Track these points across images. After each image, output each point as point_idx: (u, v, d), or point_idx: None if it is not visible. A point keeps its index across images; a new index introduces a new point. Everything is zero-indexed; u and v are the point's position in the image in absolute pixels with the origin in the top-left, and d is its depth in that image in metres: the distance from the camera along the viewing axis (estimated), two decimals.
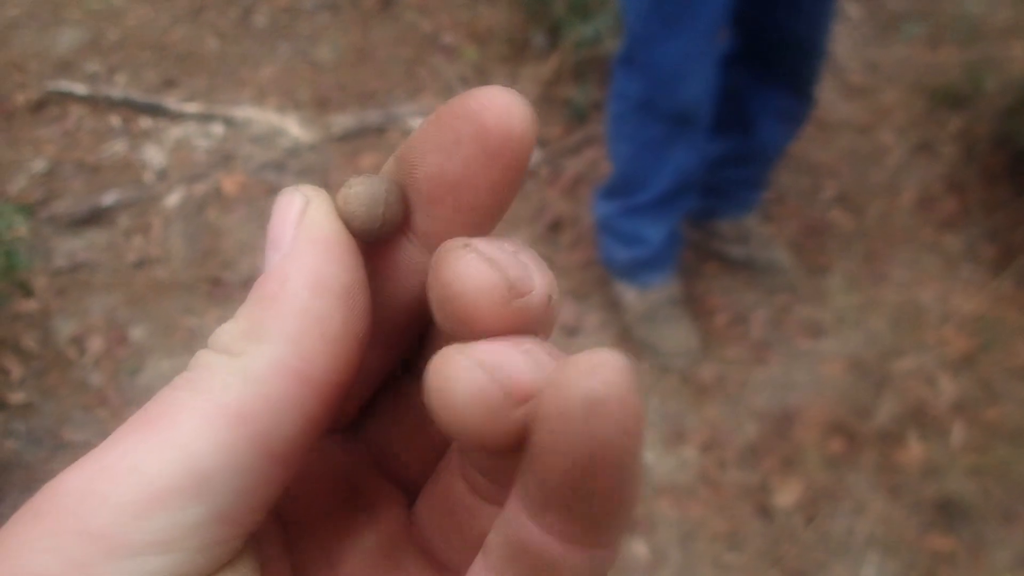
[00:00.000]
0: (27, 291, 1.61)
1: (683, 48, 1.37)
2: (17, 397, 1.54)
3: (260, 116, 2.07)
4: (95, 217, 1.84)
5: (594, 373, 0.18)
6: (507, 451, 0.20)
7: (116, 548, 0.19)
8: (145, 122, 2.06)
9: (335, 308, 0.21)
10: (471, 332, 0.20)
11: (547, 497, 0.19)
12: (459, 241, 0.22)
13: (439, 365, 0.20)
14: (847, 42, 2.25)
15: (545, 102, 2.09)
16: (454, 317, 0.21)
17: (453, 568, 0.25)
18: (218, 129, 2.05)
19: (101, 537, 0.19)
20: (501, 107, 0.22)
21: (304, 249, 0.22)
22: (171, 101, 2.10)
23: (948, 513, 1.43)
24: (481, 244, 0.21)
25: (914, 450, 1.50)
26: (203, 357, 0.21)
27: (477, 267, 0.21)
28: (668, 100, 1.43)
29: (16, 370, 1.57)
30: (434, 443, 0.26)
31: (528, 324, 0.21)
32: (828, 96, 2.10)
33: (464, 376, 0.19)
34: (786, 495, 1.45)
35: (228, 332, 0.21)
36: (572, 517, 0.19)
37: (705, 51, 1.38)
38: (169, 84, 2.16)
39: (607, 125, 1.60)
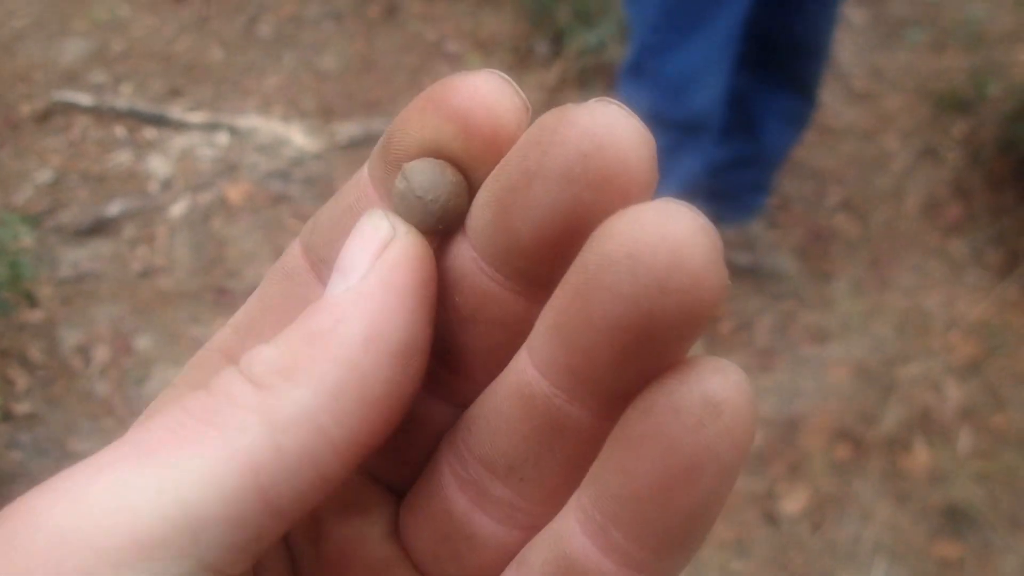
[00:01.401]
0: (32, 301, 1.62)
1: (698, 56, 1.36)
2: (22, 407, 1.54)
3: (265, 125, 2.08)
4: (100, 227, 1.85)
5: (717, 375, 0.17)
6: (687, 336, 0.18)
7: None
8: (150, 132, 2.07)
9: (385, 367, 0.19)
10: (608, 207, 0.18)
11: (623, 505, 0.18)
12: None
13: (639, 211, 0.17)
14: (851, 48, 2.25)
15: (549, 109, 2.09)
16: (600, 179, 0.18)
17: None
18: (223, 138, 2.05)
19: None
20: (486, 101, 0.20)
21: (373, 291, 0.19)
22: (176, 111, 2.11)
23: (955, 520, 1.42)
24: (611, 101, 0.19)
25: (921, 456, 1.49)
26: (229, 381, 0.19)
27: (631, 121, 0.18)
28: (678, 109, 1.42)
29: (21, 380, 1.58)
30: (421, 439, 0.24)
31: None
32: (832, 102, 2.10)
33: (685, 213, 0.17)
34: (793, 502, 1.44)
35: (264, 360, 0.19)
36: (642, 535, 0.18)
37: (721, 58, 1.38)
38: (174, 94, 2.17)
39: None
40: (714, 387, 0.17)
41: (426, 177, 0.20)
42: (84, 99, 2.11)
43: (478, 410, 0.21)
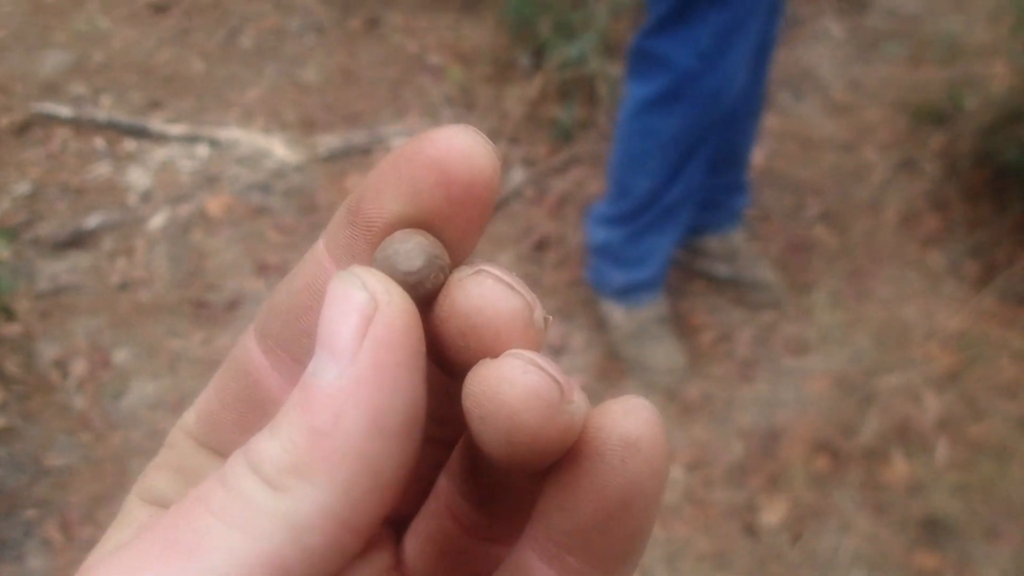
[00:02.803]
0: (9, 314, 1.60)
1: (738, 58, 1.41)
2: None
3: (246, 137, 2.07)
4: (79, 240, 1.84)
5: (630, 416, 0.19)
6: (547, 462, 0.20)
7: None
8: (130, 144, 2.06)
9: (392, 449, 0.19)
10: (494, 356, 0.20)
11: (569, 537, 0.20)
12: (467, 268, 0.21)
13: (487, 371, 0.19)
14: (830, 60, 2.27)
15: (530, 122, 2.10)
16: (479, 342, 0.20)
17: None
18: (203, 151, 2.05)
19: None
20: (463, 151, 0.20)
21: (368, 377, 0.19)
22: (156, 123, 2.10)
23: (934, 530, 1.43)
24: (492, 269, 0.20)
25: (899, 467, 1.50)
26: (241, 479, 0.19)
27: (501, 291, 0.20)
28: (711, 116, 1.45)
29: None
30: (421, 475, 0.25)
31: (540, 344, 0.20)
32: (812, 114, 2.12)
33: (520, 375, 0.19)
34: (772, 513, 1.45)
35: (271, 460, 0.19)
36: (591, 558, 0.20)
37: (748, 56, 1.42)
38: (154, 106, 2.17)
39: (618, 163, 1.59)
40: (629, 428, 0.19)
41: (410, 250, 0.20)
42: (63, 111, 2.10)
43: (456, 455, 0.24)
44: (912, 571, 1.38)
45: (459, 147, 0.20)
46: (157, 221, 1.88)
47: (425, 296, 0.21)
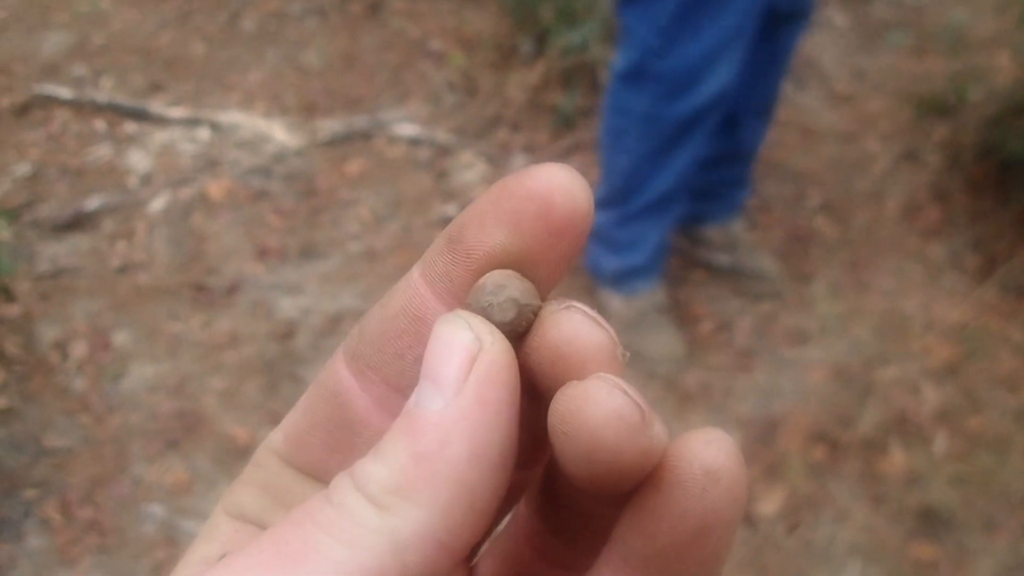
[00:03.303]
0: (9, 296, 1.60)
1: (709, 47, 1.38)
2: None
3: (247, 121, 2.07)
4: (79, 222, 1.83)
5: (711, 446, 0.20)
6: (626, 485, 0.21)
7: None
8: (130, 126, 2.05)
9: (489, 478, 0.21)
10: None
11: (647, 561, 0.21)
12: (557, 304, 0.22)
13: (574, 391, 0.20)
14: (833, 50, 2.26)
15: (532, 108, 2.09)
16: (567, 371, 0.21)
17: None
18: (204, 134, 2.04)
19: None
20: (564, 186, 0.22)
21: (472, 411, 0.21)
22: (157, 105, 2.09)
23: (931, 522, 1.43)
24: (580, 305, 0.22)
25: (897, 459, 1.50)
26: (349, 497, 0.21)
27: (589, 325, 0.22)
28: (682, 105, 1.43)
29: None
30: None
31: (621, 375, 0.22)
32: (814, 104, 2.11)
33: (605, 397, 0.20)
34: (769, 503, 1.45)
35: (377, 480, 0.20)
36: None
37: (733, 45, 1.39)
38: (155, 88, 2.16)
39: (602, 140, 1.60)
40: (710, 458, 0.20)
41: (505, 288, 0.22)
42: (64, 92, 2.10)
43: (539, 482, 0.25)
44: (909, 562, 1.39)
45: (560, 183, 0.22)
46: (157, 204, 1.88)
47: (517, 335, 0.22)
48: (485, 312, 0.22)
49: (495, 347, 0.21)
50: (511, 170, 1.95)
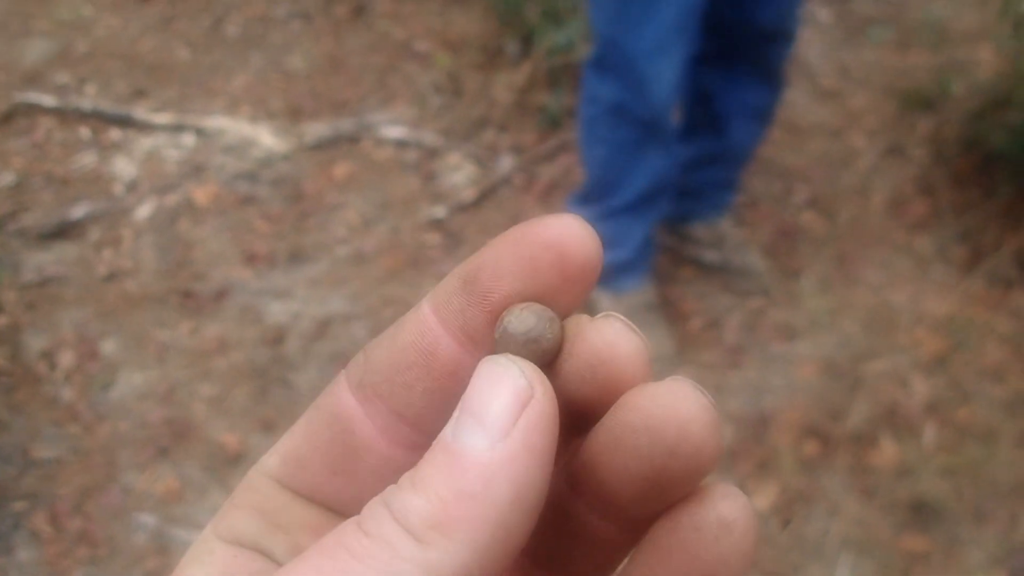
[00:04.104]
0: None
1: (648, 45, 1.37)
2: None
3: (232, 126, 2.06)
4: (65, 230, 1.82)
5: (728, 499, 0.22)
6: (687, 486, 0.22)
7: None
8: (115, 133, 2.04)
9: (526, 522, 0.21)
10: (618, 393, 0.22)
11: None
12: (587, 316, 0.23)
13: (657, 388, 0.22)
14: (818, 46, 2.27)
15: (518, 109, 2.09)
16: (609, 379, 0.23)
17: None
18: (189, 140, 2.03)
19: None
20: (578, 237, 0.23)
21: (518, 455, 0.21)
22: (141, 112, 2.08)
23: (921, 513, 1.44)
24: (619, 315, 0.23)
25: (887, 451, 1.51)
26: (385, 528, 0.21)
27: (629, 334, 0.23)
28: (638, 103, 1.44)
29: None
30: None
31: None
32: (800, 99, 2.12)
33: (693, 392, 0.21)
34: (762, 498, 1.45)
35: (417, 512, 0.21)
36: None
37: (671, 46, 1.38)
38: (139, 95, 2.15)
39: (579, 130, 1.60)
40: (726, 510, 0.22)
41: (532, 323, 0.23)
42: (48, 100, 2.09)
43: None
44: (900, 554, 1.39)
45: (575, 232, 0.23)
46: (143, 211, 1.87)
47: (547, 363, 0.23)
48: (515, 328, 0.23)
49: (546, 396, 0.22)
50: (499, 171, 1.96)
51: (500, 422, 0.21)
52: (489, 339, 0.24)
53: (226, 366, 1.60)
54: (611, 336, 0.23)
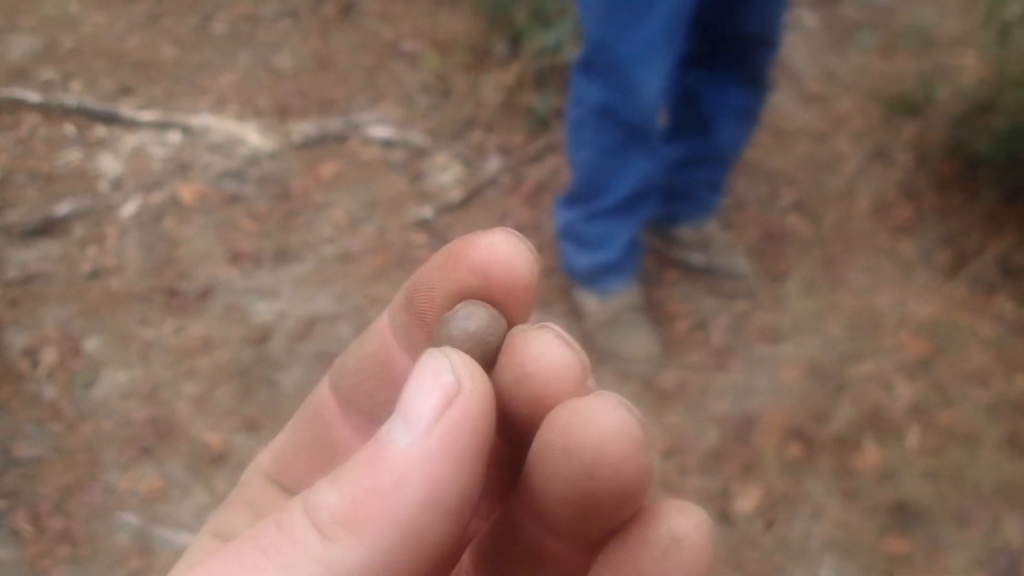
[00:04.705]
0: None
1: (637, 48, 1.38)
2: None
3: (219, 124, 2.05)
4: (49, 227, 1.81)
5: (682, 514, 0.21)
6: (617, 513, 0.20)
7: None
8: (100, 130, 2.03)
9: (439, 525, 0.20)
10: (547, 408, 0.21)
11: None
12: (528, 325, 0.22)
13: (578, 404, 0.20)
14: (804, 50, 2.28)
15: (506, 110, 2.09)
16: (534, 394, 0.21)
17: None
18: (175, 137, 2.02)
19: None
20: (503, 258, 0.22)
21: (434, 454, 0.20)
22: (127, 109, 2.07)
23: (904, 516, 1.44)
24: (553, 327, 0.22)
25: (871, 454, 1.52)
26: (295, 522, 0.20)
27: (559, 348, 0.22)
28: (625, 106, 1.44)
29: None
30: None
31: None
32: (786, 103, 2.13)
33: (612, 410, 0.20)
34: (746, 500, 1.46)
35: (327, 508, 0.20)
36: None
37: (659, 51, 1.38)
38: (125, 92, 2.14)
39: (566, 132, 1.61)
40: (678, 525, 0.20)
41: (472, 318, 0.22)
42: (32, 96, 2.07)
43: (488, 531, 0.25)
44: (882, 556, 1.40)
45: (500, 254, 0.22)
46: (128, 208, 1.86)
47: (489, 359, 0.22)
48: (456, 325, 0.22)
49: (474, 392, 0.21)
50: (486, 171, 1.96)
51: (423, 418, 0.20)
52: None
53: (210, 365, 1.60)
54: (538, 348, 0.22)
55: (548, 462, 0.20)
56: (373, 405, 0.24)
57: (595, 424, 0.20)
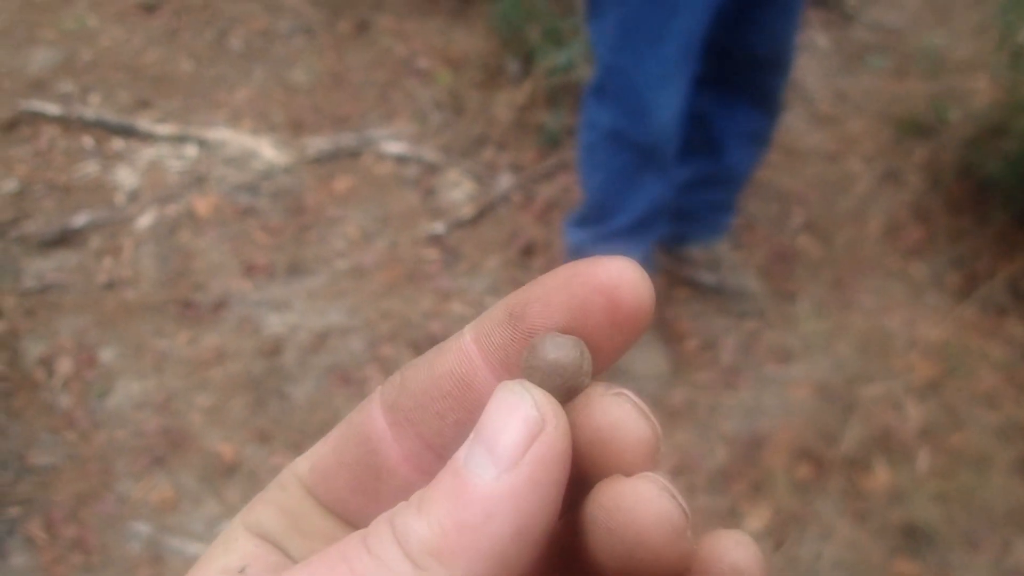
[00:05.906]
0: None
1: (652, 74, 1.39)
2: None
3: (234, 138, 2.07)
4: (66, 238, 1.83)
5: (740, 547, 0.22)
6: None
7: None
8: (118, 143, 2.05)
9: (526, 556, 0.21)
10: (609, 472, 0.22)
11: None
12: (606, 386, 0.23)
13: (623, 487, 0.21)
14: (816, 72, 2.30)
15: (518, 128, 2.11)
16: (606, 459, 0.22)
17: None
18: (191, 151, 2.04)
19: None
20: (631, 282, 0.23)
21: (523, 489, 0.20)
22: (144, 122, 2.10)
23: (914, 538, 1.44)
24: (630, 395, 0.23)
25: (881, 475, 1.52)
26: (387, 549, 0.21)
27: (637, 418, 0.22)
28: (638, 130, 1.45)
29: None
30: None
31: (658, 469, 0.23)
32: (797, 124, 2.14)
33: (655, 498, 0.21)
34: (755, 520, 1.46)
35: (419, 538, 0.21)
36: None
37: (675, 75, 1.40)
38: (143, 105, 2.16)
39: (578, 154, 1.62)
40: (739, 558, 0.22)
41: (563, 354, 0.22)
42: (51, 109, 2.10)
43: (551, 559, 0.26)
44: None
45: (629, 278, 0.23)
46: (144, 221, 1.88)
47: (572, 395, 0.23)
48: (544, 358, 0.22)
49: (558, 430, 0.21)
50: (497, 188, 1.97)
51: (509, 453, 0.21)
52: None
53: (223, 376, 1.61)
54: (616, 419, 0.22)
55: (594, 529, 0.21)
56: (441, 426, 0.24)
57: (639, 512, 0.21)
